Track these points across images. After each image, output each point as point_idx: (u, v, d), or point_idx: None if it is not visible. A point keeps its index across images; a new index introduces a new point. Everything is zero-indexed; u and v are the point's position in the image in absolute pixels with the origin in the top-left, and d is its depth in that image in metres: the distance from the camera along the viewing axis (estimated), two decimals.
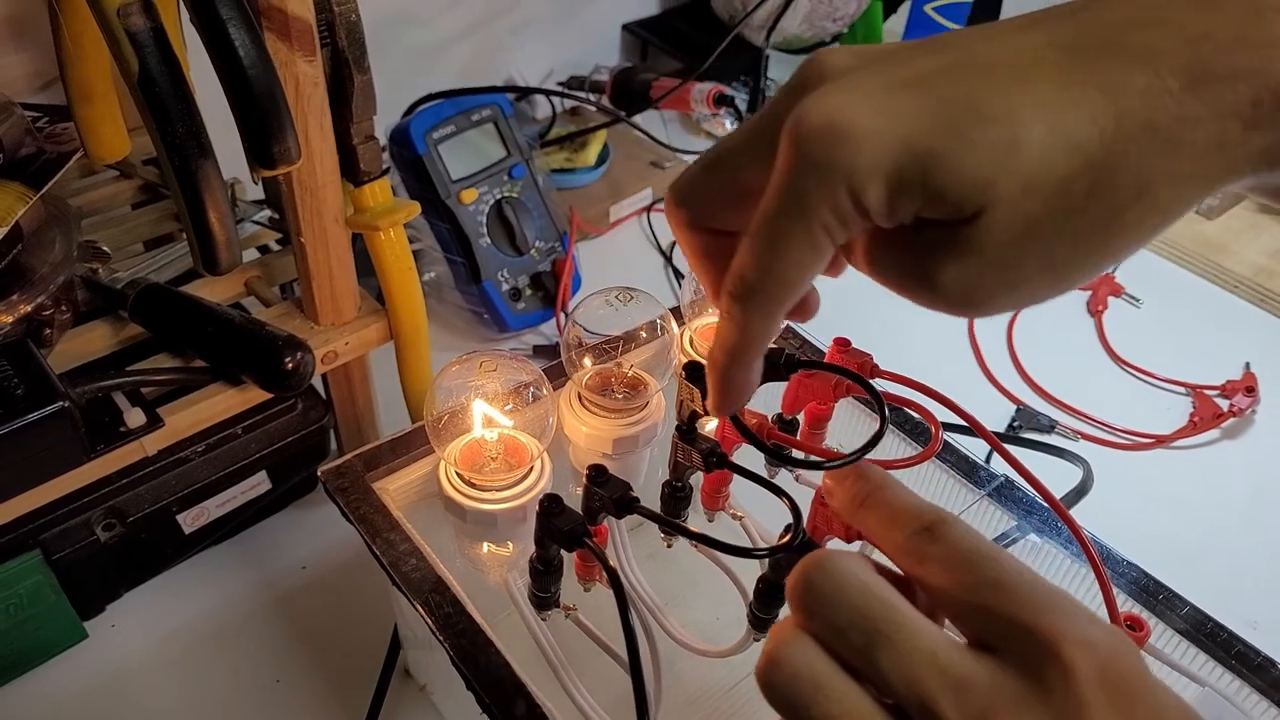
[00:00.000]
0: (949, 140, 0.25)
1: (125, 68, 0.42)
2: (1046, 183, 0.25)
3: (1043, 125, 0.25)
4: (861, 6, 1.18)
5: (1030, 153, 0.25)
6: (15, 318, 0.54)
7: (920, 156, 0.25)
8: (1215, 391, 0.84)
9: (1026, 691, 0.25)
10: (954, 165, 0.25)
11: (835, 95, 0.26)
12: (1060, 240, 0.26)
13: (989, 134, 0.25)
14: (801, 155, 0.26)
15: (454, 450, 0.47)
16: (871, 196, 0.26)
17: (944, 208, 0.26)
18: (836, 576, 0.27)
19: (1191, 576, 0.50)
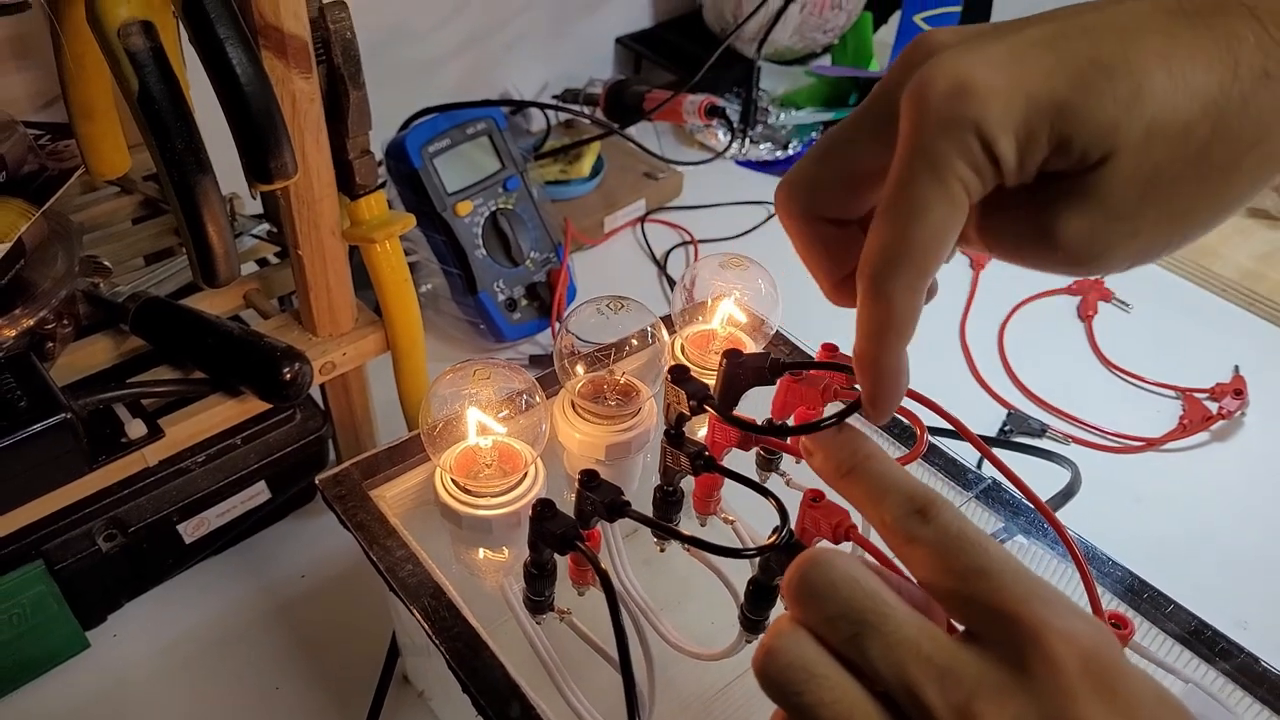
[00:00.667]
0: (1074, 91, 0.26)
1: (126, 87, 0.43)
2: (1170, 128, 0.26)
3: (1164, 73, 0.26)
4: (851, 18, 1.19)
5: (1153, 99, 0.26)
6: (18, 331, 0.55)
7: (1046, 107, 0.26)
8: (1204, 394, 0.84)
9: (1010, 679, 0.26)
10: (1081, 113, 0.26)
11: (954, 59, 0.27)
12: (1181, 186, 0.27)
13: (1113, 83, 0.26)
14: (931, 114, 0.27)
15: (449, 458, 0.47)
16: (1003, 146, 0.27)
17: (1070, 156, 0.27)
18: (828, 571, 0.28)
19: (1182, 578, 0.51)
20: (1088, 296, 0.95)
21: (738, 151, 1.13)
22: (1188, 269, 0.99)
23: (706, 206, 1.06)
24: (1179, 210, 0.28)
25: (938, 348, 0.89)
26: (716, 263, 0.56)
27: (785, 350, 0.61)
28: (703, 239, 1.00)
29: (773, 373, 0.46)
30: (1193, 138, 0.27)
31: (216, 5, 0.41)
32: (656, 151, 1.08)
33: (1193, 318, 0.95)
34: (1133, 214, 0.28)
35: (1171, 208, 0.28)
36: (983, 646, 0.27)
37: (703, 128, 1.11)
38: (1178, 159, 0.27)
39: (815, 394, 0.50)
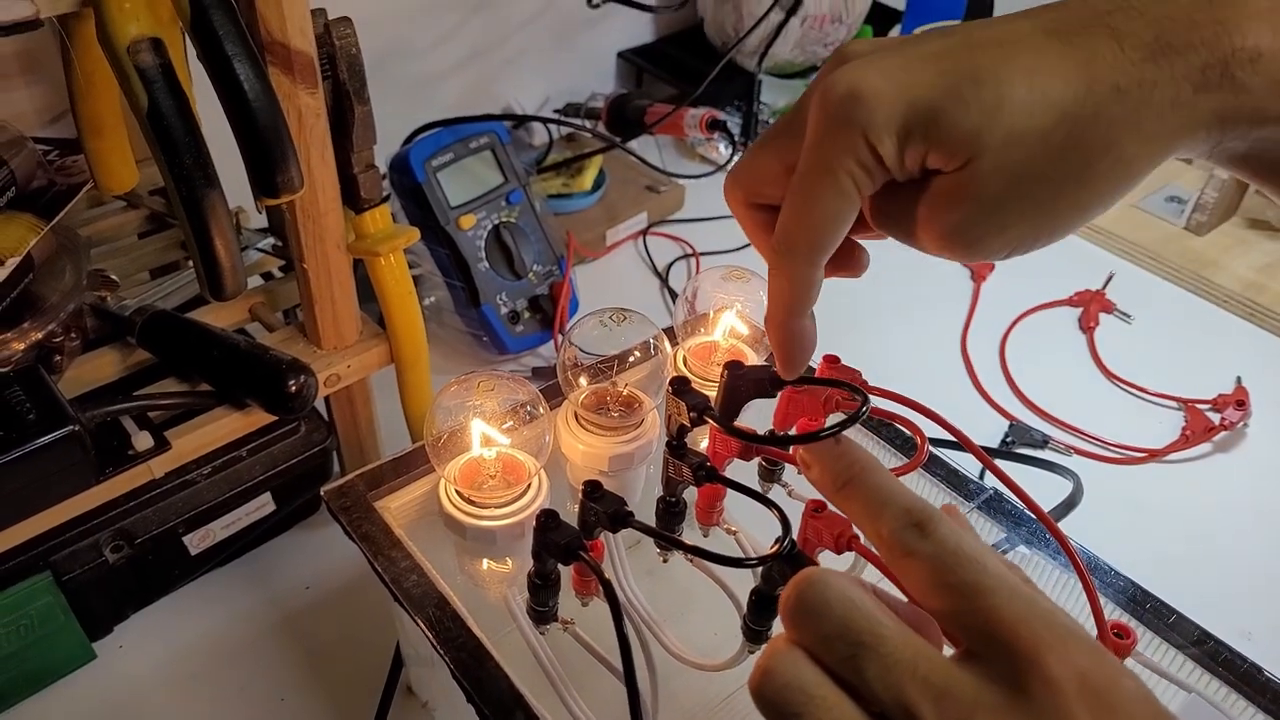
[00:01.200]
0: (946, 99, 0.30)
1: (135, 102, 0.43)
2: (1028, 134, 0.30)
3: (1024, 85, 0.30)
4: (852, 32, 1.20)
5: (1013, 108, 0.30)
6: (27, 345, 0.56)
7: (923, 112, 0.30)
8: (1207, 405, 0.85)
9: (1007, 700, 0.26)
10: (950, 119, 0.30)
11: (854, 69, 0.31)
12: (1041, 186, 0.30)
13: (979, 94, 0.30)
14: (826, 117, 0.31)
15: (453, 469, 0.48)
16: (886, 146, 0.31)
17: (943, 156, 0.31)
18: (825, 591, 0.29)
19: (1185, 589, 0.51)
20: (1089, 308, 0.95)
21: None
22: (1189, 280, 0.99)
23: (708, 219, 1.06)
24: (1042, 207, 0.31)
25: (939, 359, 0.90)
26: (718, 275, 0.56)
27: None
28: (704, 252, 1.01)
29: (774, 385, 0.47)
30: (1049, 144, 0.30)
31: (224, 22, 0.42)
32: (658, 165, 1.09)
33: (1194, 329, 0.95)
34: (999, 208, 0.31)
35: (1035, 205, 0.31)
36: (980, 666, 0.27)
37: (704, 141, 1.12)
38: (1037, 161, 0.30)
39: (817, 405, 0.50)
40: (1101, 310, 0.96)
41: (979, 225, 0.31)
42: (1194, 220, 1.04)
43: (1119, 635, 0.45)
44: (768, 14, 1.11)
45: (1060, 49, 0.30)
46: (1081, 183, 0.31)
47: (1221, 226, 1.05)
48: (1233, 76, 0.29)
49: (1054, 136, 0.30)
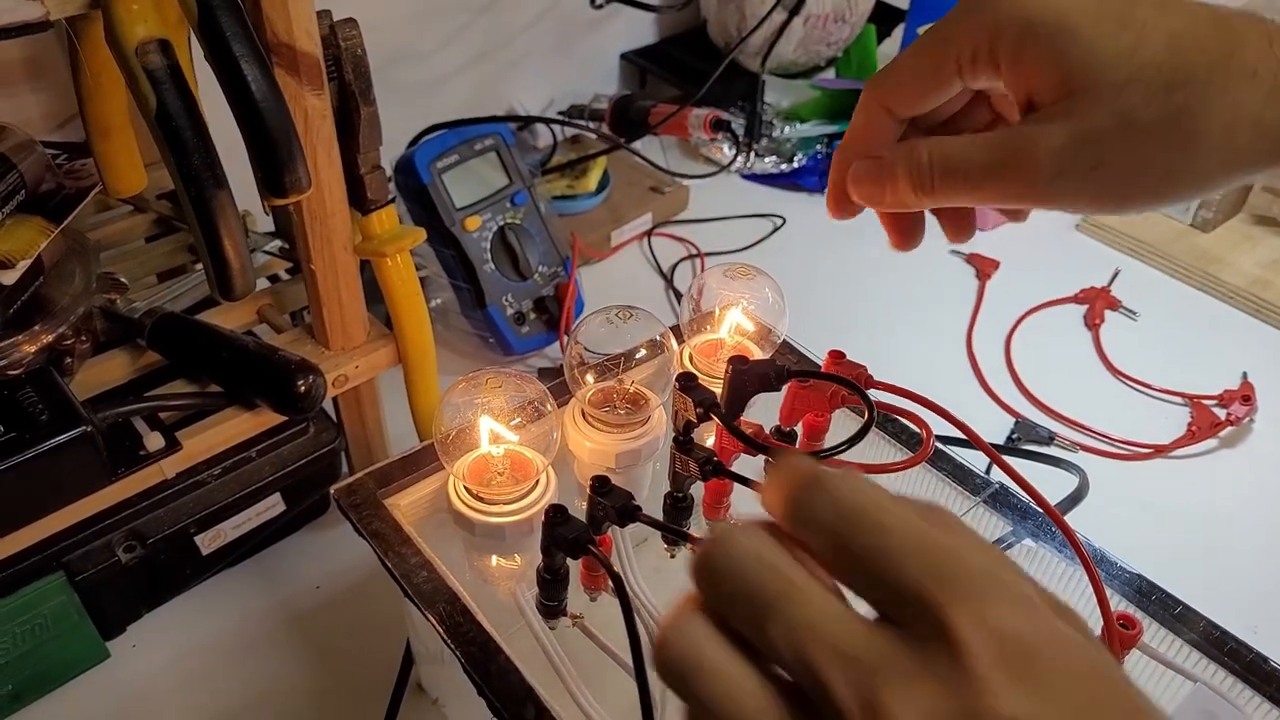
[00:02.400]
0: (1089, 25, 0.32)
1: (143, 104, 0.44)
2: (1152, 84, 0.31)
3: (1164, 43, 0.31)
4: (855, 32, 1.20)
5: (1147, 58, 0.31)
6: (38, 347, 0.56)
7: (1060, 28, 0.32)
8: (1213, 401, 0.85)
9: (917, 667, 0.23)
10: (1085, 43, 0.32)
11: None
12: (1149, 138, 0.31)
13: (1120, 35, 0.31)
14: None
15: (462, 466, 0.48)
16: (1007, 46, 0.33)
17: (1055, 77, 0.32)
18: (730, 548, 0.26)
19: (1192, 584, 0.51)
20: (1094, 305, 0.95)
21: (743, 165, 1.14)
22: (1195, 277, 0.99)
23: (713, 220, 1.06)
24: (1140, 160, 0.32)
25: (945, 356, 0.90)
26: (723, 272, 0.57)
27: (793, 359, 0.62)
28: (709, 252, 1.01)
29: (778, 379, 0.47)
30: (1171, 101, 0.31)
31: (231, 24, 0.43)
32: (663, 165, 1.09)
33: (1200, 325, 0.95)
34: (1099, 143, 0.32)
35: (1135, 155, 0.32)
36: (896, 629, 0.24)
37: (708, 142, 1.12)
38: (1152, 112, 0.31)
39: (823, 400, 0.51)
40: (1107, 307, 0.96)
41: (1075, 156, 0.32)
42: (1200, 217, 1.04)
43: (1125, 626, 0.45)
44: (770, 14, 1.11)
45: (1212, 24, 0.31)
46: (1186, 150, 0.31)
47: (1228, 223, 1.06)
48: None
49: (1176, 96, 0.31)
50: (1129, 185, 0.33)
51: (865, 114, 0.38)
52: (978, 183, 0.35)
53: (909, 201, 0.37)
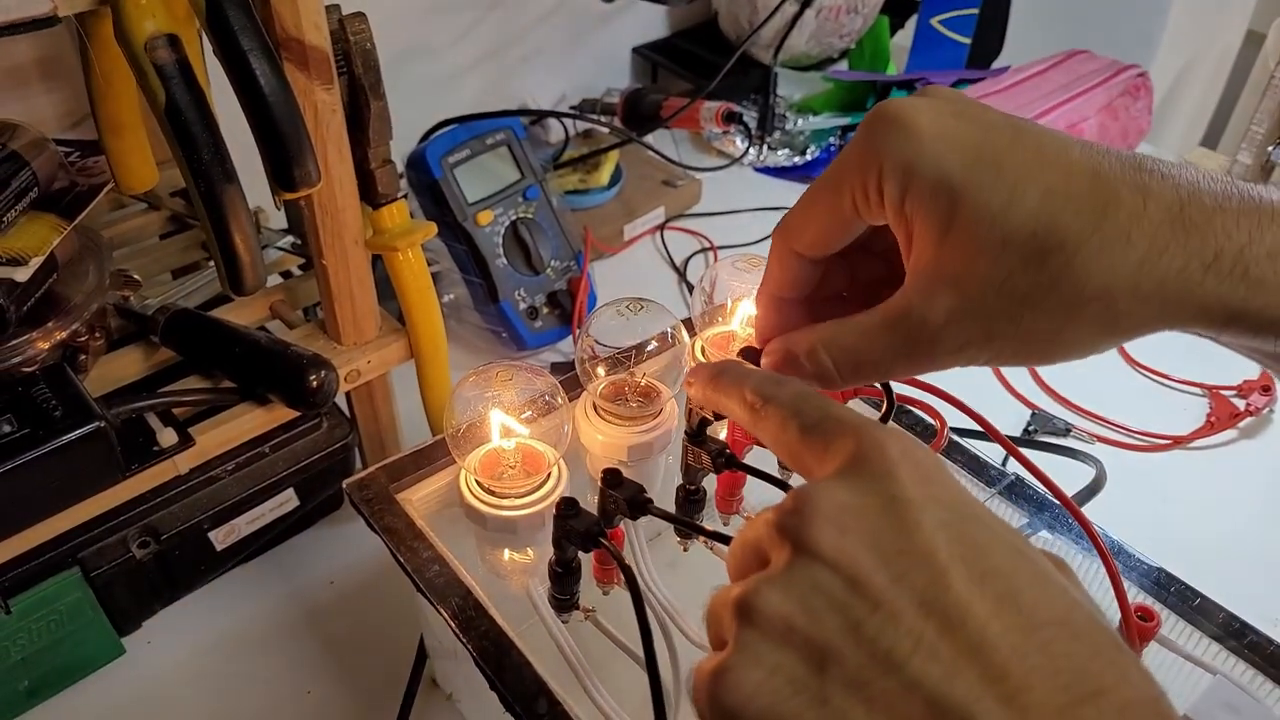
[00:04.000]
0: (966, 171, 0.30)
1: (153, 99, 0.44)
2: (1024, 248, 0.30)
3: (1037, 199, 0.30)
4: (868, 23, 1.20)
5: (1018, 217, 0.30)
6: (51, 344, 0.56)
7: (944, 177, 0.31)
8: (1232, 391, 0.84)
9: (842, 476, 0.28)
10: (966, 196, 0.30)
11: (916, 100, 0.32)
12: (1030, 305, 0.30)
13: (995, 185, 0.30)
14: (862, 131, 0.33)
15: (474, 460, 0.48)
16: (891, 185, 0.32)
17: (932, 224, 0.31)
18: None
19: (1211, 576, 0.51)
20: None
21: (756, 158, 1.14)
22: None
23: (725, 213, 1.06)
24: (1026, 330, 0.31)
25: None
26: (736, 264, 0.56)
27: None
28: (722, 245, 1.00)
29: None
30: (1046, 269, 0.30)
31: (240, 18, 0.42)
32: (675, 159, 1.09)
33: None
34: (986, 316, 0.31)
35: (1019, 325, 0.31)
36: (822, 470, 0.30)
37: (720, 134, 1.12)
38: (1028, 281, 0.30)
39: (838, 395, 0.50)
40: None
41: (966, 322, 0.31)
42: None
43: (1143, 618, 0.45)
44: (781, 5, 1.10)
45: (1089, 183, 0.30)
46: (1067, 319, 0.30)
47: None
48: (1246, 269, 0.29)
49: (1050, 264, 0.30)
50: (1023, 353, 0.32)
51: (776, 259, 0.38)
52: (887, 370, 0.35)
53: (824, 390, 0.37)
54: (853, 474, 0.28)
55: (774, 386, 0.33)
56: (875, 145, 0.32)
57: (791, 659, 0.26)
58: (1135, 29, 1.23)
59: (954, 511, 0.27)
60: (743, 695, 0.26)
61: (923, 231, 0.32)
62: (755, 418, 0.33)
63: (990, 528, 0.27)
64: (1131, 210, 0.29)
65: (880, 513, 0.27)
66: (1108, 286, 0.30)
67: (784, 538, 0.28)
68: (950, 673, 0.24)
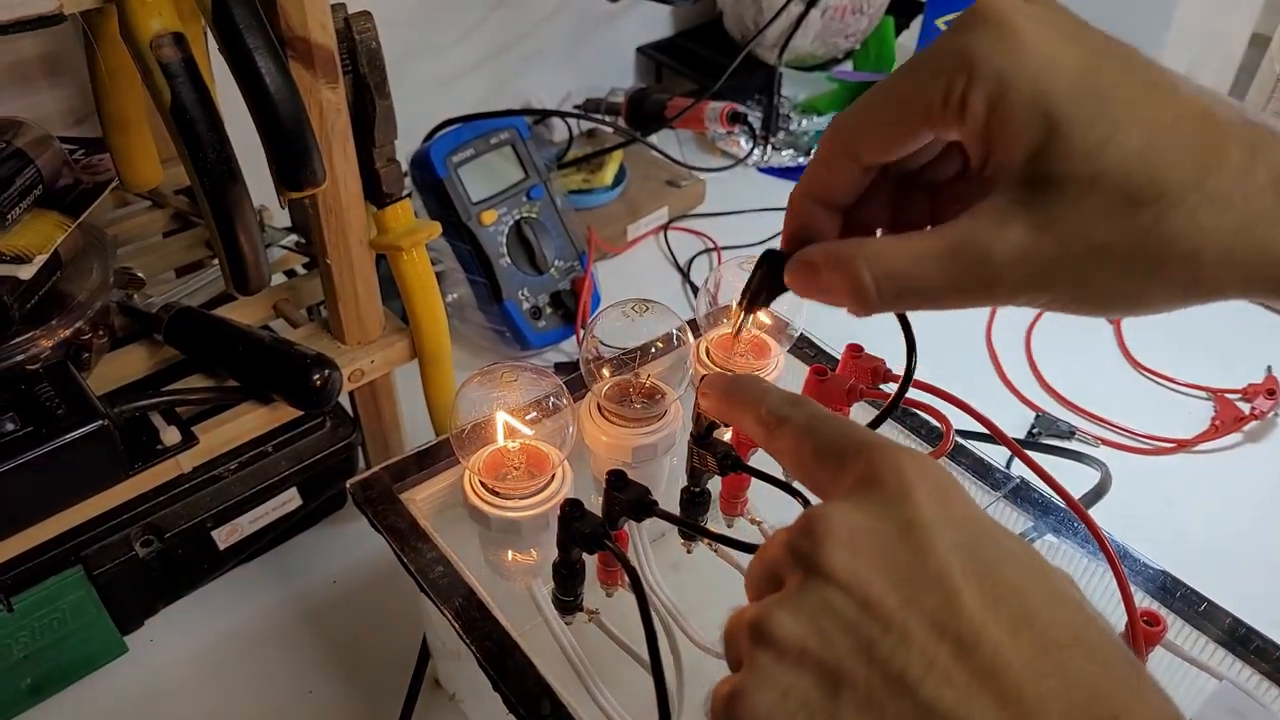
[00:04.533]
0: (1065, 100, 0.28)
1: (158, 97, 0.44)
2: (1121, 186, 0.28)
3: (1140, 141, 0.27)
4: (873, 23, 1.19)
5: (1117, 156, 0.27)
6: (55, 342, 0.56)
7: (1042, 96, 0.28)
8: (1237, 395, 0.83)
9: (855, 498, 0.28)
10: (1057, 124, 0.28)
11: (1021, 4, 0.29)
12: (1104, 257, 0.28)
13: (1098, 119, 0.28)
14: (960, 26, 0.29)
15: (478, 460, 0.48)
16: (979, 98, 0.29)
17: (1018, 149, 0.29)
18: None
19: (1217, 580, 0.50)
20: None
21: (760, 158, 1.13)
22: None
23: (730, 214, 1.06)
24: (1096, 282, 0.29)
25: (964, 351, 0.89)
26: (740, 265, 0.56)
27: (810, 351, 0.61)
28: (726, 246, 1.00)
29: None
30: (1135, 219, 0.28)
31: (245, 16, 0.42)
32: (679, 159, 1.08)
33: (1223, 318, 0.93)
34: (1054, 261, 0.29)
35: (1089, 276, 0.29)
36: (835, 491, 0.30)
37: (725, 135, 1.12)
38: (1113, 230, 0.28)
39: (840, 394, 0.50)
40: None
41: (1033, 256, 0.29)
42: None
43: (1149, 623, 0.44)
44: (787, 6, 1.10)
45: (1196, 124, 0.28)
46: (1145, 277, 0.28)
47: None
48: None
49: (1141, 216, 0.28)
50: (1081, 302, 0.30)
51: (827, 159, 0.34)
52: (934, 300, 0.31)
53: (852, 313, 0.34)
54: (867, 495, 0.28)
55: (790, 407, 0.33)
56: (968, 46, 0.28)
57: (805, 681, 0.26)
58: (1139, 31, 1.23)
59: (969, 532, 0.27)
60: (756, 718, 0.26)
61: (1004, 154, 0.29)
62: (770, 436, 0.33)
63: (1005, 547, 0.27)
64: (1239, 169, 0.27)
65: (894, 535, 0.27)
66: (1197, 249, 0.28)
67: (796, 560, 0.28)
68: (964, 696, 0.24)
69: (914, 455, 0.29)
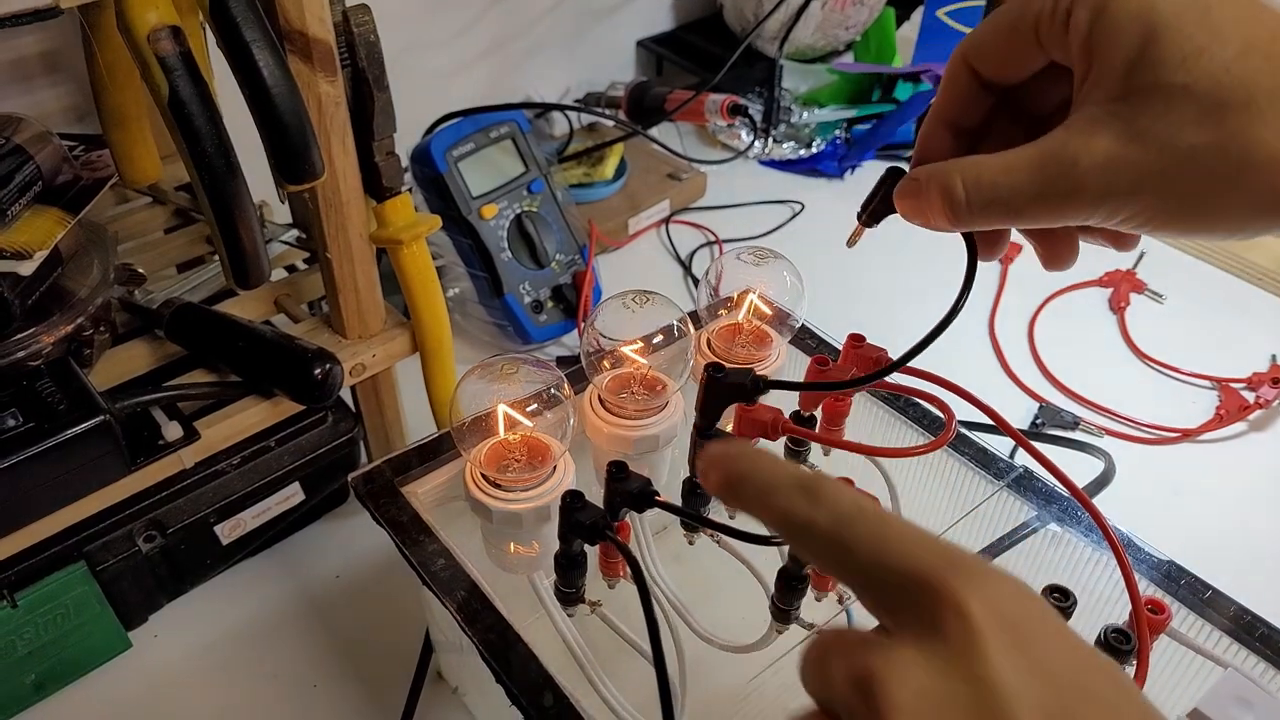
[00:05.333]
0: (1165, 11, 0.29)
1: (156, 91, 0.44)
2: (1205, 98, 0.28)
3: (1236, 51, 0.28)
4: (874, 14, 1.19)
5: (1209, 65, 0.28)
6: (56, 338, 0.56)
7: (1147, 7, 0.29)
8: (1241, 384, 0.83)
9: (919, 650, 0.24)
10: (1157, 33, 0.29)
11: None
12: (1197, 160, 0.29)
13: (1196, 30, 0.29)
14: None
15: (479, 452, 0.48)
16: (1081, 9, 0.30)
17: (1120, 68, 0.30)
18: None
19: (1222, 569, 0.50)
20: (1120, 288, 0.94)
21: (761, 151, 1.13)
22: (1222, 259, 0.98)
23: (731, 206, 1.06)
24: (1179, 191, 0.29)
25: (967, 342, 0.89)
26: (741, 257, 0.56)
27: (812, 342, 0.61)
28: (727, 239, 1.00)
29: (754, 389, 0.45)
30: (1223, 125, 0.28)
31: (242, 9, 0.42)
32: (679, 152, 1.08)
33: (1228, 307, 0.93)
34: (1138, 167, 0.29)
35: (1172, 185, 0.29)
36: (894, 627, 0.25)
37: (725, 127, 1.11)
38: (1200, 135, 0.28)
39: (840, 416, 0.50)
40: (1132, 290, 0.94)
41: (1121, 165, 0.29)
42: None
43: (1154, 611, 0.44)
44: None
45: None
46: (1227, 186, 0.29)
47: None
48: None
49: (1228, 122, 0.28)
50: (1164, 215, 0.30)
51: (950, 77, 0.36)
52: (1019, 211, 0.32)
53: (947, 229, 0.35)
54: (930, 645, 0.24)
55: (808, 507, 0.27)
56: None
57: None
58: None
59: (1055, 686, 0.23)
60: None
61: (1103, 64, 0.30)
62: (793, 544, 0.28)
63: (1100, 696, 0.24)
64: None
65: (967, 703, 0.23)
66: (1277, 157, 0.28)
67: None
68: None
69: (981, 584, 0.24)
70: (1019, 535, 0.51)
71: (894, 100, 1.16)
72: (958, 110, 0.36)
